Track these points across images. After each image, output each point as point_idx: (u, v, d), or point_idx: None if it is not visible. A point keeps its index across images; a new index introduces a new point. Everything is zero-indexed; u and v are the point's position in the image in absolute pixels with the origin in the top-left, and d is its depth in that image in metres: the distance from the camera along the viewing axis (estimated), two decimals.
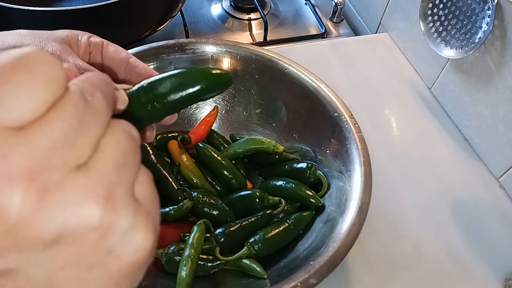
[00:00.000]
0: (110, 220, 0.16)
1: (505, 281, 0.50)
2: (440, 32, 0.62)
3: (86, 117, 0.16)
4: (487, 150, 0.61)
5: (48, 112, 0.15)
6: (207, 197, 0.48)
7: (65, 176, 0.15)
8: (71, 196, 0.15)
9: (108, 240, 0.16)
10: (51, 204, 0.14)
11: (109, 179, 0.16)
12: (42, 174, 0.14)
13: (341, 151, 0.49)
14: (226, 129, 0.60)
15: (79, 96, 0.16)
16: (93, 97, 0.17)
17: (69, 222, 0.15)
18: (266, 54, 0.56)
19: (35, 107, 0.15)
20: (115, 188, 0.16)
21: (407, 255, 0.51)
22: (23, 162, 0.14)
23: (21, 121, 0.14)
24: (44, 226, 0.14)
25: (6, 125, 0.14)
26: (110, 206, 0.15)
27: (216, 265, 0.44)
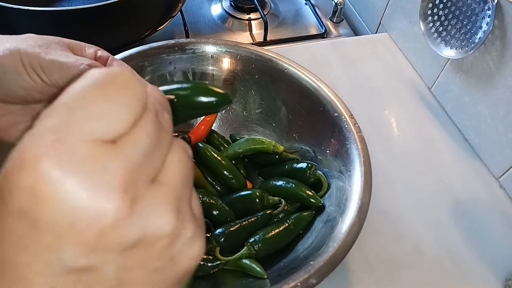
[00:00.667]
0: (179, 229, 0.18)
1: (505, 281, 0.50)
2: (440, 32, 0.62)
3: (160, 135, 0.18)
4: (487, 150, 0.61)
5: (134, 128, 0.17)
6: (207, 197, 0.48)
7: (146, 188, 0.17)
8: (151, 206, 0.17)
9: (174, 247, 0.18)
10: (137, 213, 0.16)
11: (177, 193, 0.18)
12: (133, 185, 0.16)
13: (341, 151, 0.49)
14: (226, 129, 0.60)
15: (155, 116, 0.18)
16: (163, 116, 0.19)
17: (148, 229, 0.17)
18: (266, 54, 0.56)
19: (126, 123, 0.16)
20: (182, 201, 0.18)
21: (407, 255, 0.51)
22: (120, 174, 0.16)
23: (115, 136, 0.16)
24: (129, 232, 0.16)
25: (104, 139, 0.16)
26: (180, 217, 0.18)
27: (216, 265, 0.44)
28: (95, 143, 0.15)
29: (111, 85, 0.17)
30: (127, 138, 0.16)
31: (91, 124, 0.16)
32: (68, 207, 0.15)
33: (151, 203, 0.17)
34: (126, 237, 0.16)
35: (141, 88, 0.17)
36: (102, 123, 0.16)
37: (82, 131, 0.15)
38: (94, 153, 0.15)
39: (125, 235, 0.16)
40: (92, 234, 0.15)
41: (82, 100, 0.16)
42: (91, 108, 0.16)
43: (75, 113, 0.16)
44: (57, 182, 0.15)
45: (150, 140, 0.17)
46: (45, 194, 0.15)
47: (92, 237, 0.16)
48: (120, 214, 0.16)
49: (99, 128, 0.16)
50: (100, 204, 0.15)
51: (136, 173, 0.16)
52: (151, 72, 0.54)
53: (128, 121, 0.16)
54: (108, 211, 0.15)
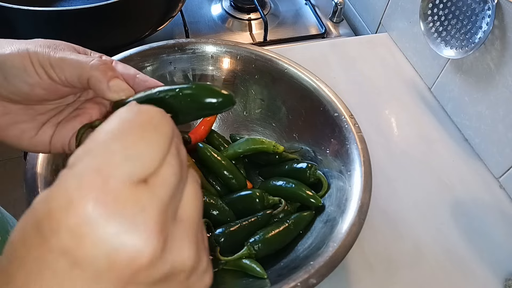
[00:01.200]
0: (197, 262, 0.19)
1: (505, 281, 0.50)
2: (440, 32, 0.62)
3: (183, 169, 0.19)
4: (487, 150, 0.61)
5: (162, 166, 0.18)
6: (207, 197, 0.48)
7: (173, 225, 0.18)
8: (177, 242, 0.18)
9: (190, 279, 0.19)
10: (168, 251, 0.17)
11: (196, 226, 0.19)
12: (166, 225, 0.17)
13: (341, 151, 0.49)
14: (226, 129, 0.60)
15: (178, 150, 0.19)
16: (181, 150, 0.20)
17: (175, 265, 0.18)
18: (266, 54, 0.56)
19: (158, 162, 0.17)
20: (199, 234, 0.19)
21: (407, 255, 0.51)
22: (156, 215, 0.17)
23: (147, 175, 0.17)
24: (160, 269, 0.17)
25: (138, 178, 0.17)
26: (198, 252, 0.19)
27: (216, 265, 0.44)
28: (133, 186, 0.16)
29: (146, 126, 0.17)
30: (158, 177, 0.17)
31: (130, 166, 0.16)
32: (110, 248, 0.16)
33: (176, 239, 0.18)
34: (157, 273, 0.17)
35: (170, 127, 0.18)
36: (139, 164, 0.17)
37: (122, 174, 0.16)
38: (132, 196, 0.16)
39: (157, 272, 0.17)
40: (128, 273, 0.16)
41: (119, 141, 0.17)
42: (128, 150, 0.17)
43: (114, 154, 0.17)
44: (101, 224, 0.16)
45: (176, 177, 0.18)
46: (89, 235, 0.16)
47: (128, 275, 0.16)
48: (156, 254, 0.16)
49: (137, 170, 0.17)
50: (139, 245, 0.16)
51: (167, 213, 0.17)
52: (151, 72, 0.54)
53: (159, 160, 0.17)
54: (146, 251, 0.16)
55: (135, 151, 0.17)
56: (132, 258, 0.16)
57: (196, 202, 0.19)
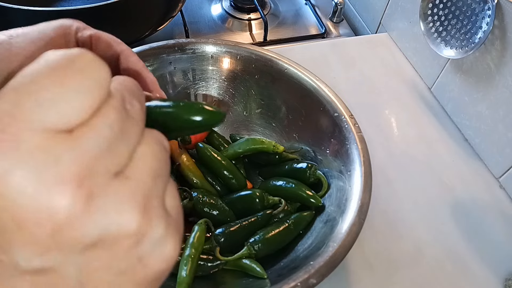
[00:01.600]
0: (146, 228, 0.16)
1: (505, 281, 0.50)
2: (440, 32, 0.62)
3: (126, 125, 0.16)
4: (487, 150, 0.61)
5: (94, 117, 0.15)
6: (207, 197, 0.48)
7: (107, 183, 0.15)
8: (113, 203, 0.15)
9: (141, 247, 0.16)
10: (95, 209, 0.15)
11: (146, 188, 0.16)
12: (89, 179, 0.15)
13: (341, 151, 0.49)
14: (226, 129, 0.60)
15: (121, 104, 0.16)
16: (131, 105, 0.17)
17: (110, 228, 0.15)
18: (266, 54, 0.56)
19: (84, 111, 0.15)
20: (151, 198, 0.16)
21: (407, 255, 0.51)
22: (74, 167, 0.14)
23: (70, 125, 0.15)
24: (86, 230, 0.15)
25: (57, 128, 0.14)
26: (147, 215, 0.16)
27: (216, 265, 0.44)
28: (45, 134, 0.14)
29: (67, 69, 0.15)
30: (85, 128, 0.15)
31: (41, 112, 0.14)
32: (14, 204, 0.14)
33: (113, 199, 0.15)
34: (84, 235, 0.15)
35: (103, 72, 0.16)
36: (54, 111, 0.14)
37: (30, 120, 0.14)
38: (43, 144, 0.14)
39: (83, 233, 0.15)
40: (43, 232, 0.14)
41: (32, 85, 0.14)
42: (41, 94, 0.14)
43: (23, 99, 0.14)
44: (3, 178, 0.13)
45: (112, 130, 0.15)
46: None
47: (44, 236, 0.14)
48: (74, 211, 0.14)
49: (50, 116, 0.14)
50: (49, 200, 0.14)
51: (94, 167, 0.15)
52: (151, 72, 0.54)
53: (85, 110, 0.15)
54: (60, 207, 0.14)
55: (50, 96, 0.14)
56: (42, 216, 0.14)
57: (151, 162, 0.17)
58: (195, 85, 0.58)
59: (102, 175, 0.15)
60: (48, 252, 0.15)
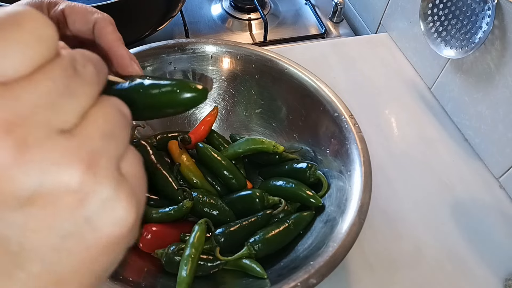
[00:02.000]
0: (90, 186, 0.15)
1: (505, 281, 0.50)
2: (440, 32, 0.62)
3: (74, 84, 0.15)
4: (487, 150, 0.61)
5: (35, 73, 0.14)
6: (207, 197, 0.48)
7: (47, 136, 0.14)
8: (51, 156, 0.14)
9: (86, 207, 0.15)
10: (29, 160, 0.14)
11: (93, 147, 0.15)
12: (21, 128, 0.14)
13: (341, 151, 0.49)
14: (226, 129, 0.60)
15: (69, 63, 0.16)
16: (84, 67, 0.16)
17: (46, 182, 0.14)
18: (266, 54, 0.56)
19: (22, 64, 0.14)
20: (98, 157, 0.15)
21: (407, 255, 0.51)
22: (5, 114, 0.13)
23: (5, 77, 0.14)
24: (19, 182, 0.14)
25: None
26: (91, 172, 0.15)
27: (216, 265, 0.44)
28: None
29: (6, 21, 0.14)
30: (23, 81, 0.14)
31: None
32: None
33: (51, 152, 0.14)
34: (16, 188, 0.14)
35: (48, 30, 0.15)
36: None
37: None
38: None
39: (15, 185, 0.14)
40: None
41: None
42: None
43: None
44: None
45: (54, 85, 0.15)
46: None
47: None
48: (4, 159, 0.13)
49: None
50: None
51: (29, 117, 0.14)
52: (151, 72, 0.54)
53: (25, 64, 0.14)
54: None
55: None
56: None
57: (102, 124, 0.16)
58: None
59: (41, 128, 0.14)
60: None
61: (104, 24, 0.29)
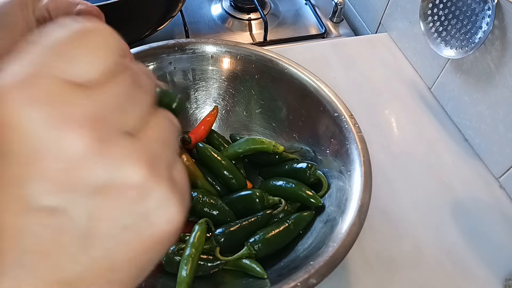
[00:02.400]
0: (151, 184, 0.17)
1: (505, 281, 0.50)
2: (440, 32, 0.62)
3: (138, 93, 0.17)
4: (487, 150, 0.61)
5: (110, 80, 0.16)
6: (207, 197, 0.48)
7: (120, 135, 0.16)
8: (123, 153, 0.16)
9: (145, 203, 0.17)
10: (106, 154, 0.16)
11: (154, 151, 0.17)
12: (102, 126, 0.16)
13: (341, 151, 0.49)
14: (226, 129, 0.60)
15: (136, 74, 0.18)
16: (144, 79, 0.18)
17: (116, 175, 0.16)
18: (266, 54, 0.56)
19: (100, 70, 0.16)
20: (159, 160, 0.17)
21: (407, 255, 0.51)
22: (88, 111, 0.15)
23: (85, 80, 0.16)
24: (96, 172, 0.16)
25: (75, 81, 0.15)
26: (152, 173, 0.17)
27: (216, 265, 0.44)
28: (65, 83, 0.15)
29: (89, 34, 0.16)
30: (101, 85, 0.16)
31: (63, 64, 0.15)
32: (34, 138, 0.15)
33: (122, 150, 0.16)
34: (93, 177, 0.16)
35: (119, 43, 0.17)
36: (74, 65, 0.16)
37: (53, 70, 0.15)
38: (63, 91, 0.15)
39: (92, 174, 0.16)
40: (57, 168, 0.15)
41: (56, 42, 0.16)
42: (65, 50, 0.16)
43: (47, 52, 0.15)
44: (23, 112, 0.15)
45: (125, 92, 0.17)
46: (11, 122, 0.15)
47: (58, 172, 0.15)
48: (87, 150, 0.15)
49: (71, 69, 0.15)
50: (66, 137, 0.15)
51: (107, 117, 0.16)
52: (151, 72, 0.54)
53: (101, 69, 0.16)
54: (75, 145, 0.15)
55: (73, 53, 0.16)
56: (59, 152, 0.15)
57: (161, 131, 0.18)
58: (195, 85, 0.58)
59: (115, 127, 0.16)
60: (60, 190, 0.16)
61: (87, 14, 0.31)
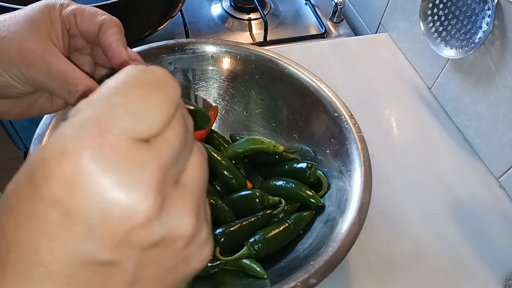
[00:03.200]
0: (197, 231, 0.18)
1: (505, 281, 0.50)
2: (440, 32, 0.62)
3: (186, 138, 0.18)
4: (487, 150, 0.61)
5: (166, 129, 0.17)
6: (207, 197, 0.48)
7: (172, 190, 0.17)
8: (176, 207, 0.17)
9: (188, 248, 0.18)
10: (165, 213, 0.16)
11: (198, 195, 0.18)
12: (165, 187, 0.16)
13: (341, 151, 0.49)
14: (226, 129, 0.60)
15: (183, 117, 0.18)
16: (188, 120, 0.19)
17: (172, 230, 0.17)
18: (266, 54, 0.56)
19: (162, 123, 0.17)
20: (201, 203, 0.19)
21: (407, 255, 0.51)
22: (155, 174, 0.16)
23: (150, 135, 0.16)
24: (156, 231, 0.16)
25: (140, 137, 0.16)
26: (198, 220, 0.18)
27: (216, 265, 0.44)
28: (133, 142, 0.16)
29: (152, 84, 0.17)
30: (161, 138, 0.17)
31: (131, 121, 0.16)
32: (104, 202, 0.15)
33: (176, 204, 0.17)
34: (152, 235, 0.16)
35: (177, 89, 0.18)
36: (141, 121, 0.16)
37: (123, 128, 0.16)
38: (132, 151, 0.16)
39: (152, 233, 0.16)
40: (122, 230, 0.16)
41: (123, 96, 0.16)
42: (132, 105, 0.16)
43: (116, 108, 0.16)
44: (96, 176, 0.15)
45: (179, 142, 0.17)
46: (83, 186, 0.15)
47: (121, 233, 0.16)
48: (152, 213, 0.16)
49: (138, 126, 0.16)
50: (134, 202, 0.15)
51: (168, 175, 0.17)
52: None
53: (164, 122, 0.17)
54: (142, 209, 0.16)
55: (138, 107, 0.16)
56: (126, 216, 0.15)
57: (200, 172, 0.19)
58: (195, 85, 0.58)
59: (171, 183, 0.17)
60: (119, 248, 0.16)
61: (109, 25, 0.31)
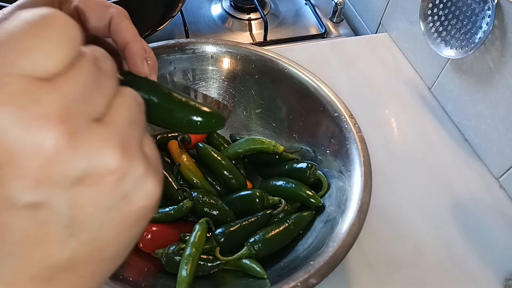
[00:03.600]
0: (126, 166, 0.18)
1: (505, 281, 0.50)
2: (440, 32, 0.62)
3: (100, 79, 0.18)
4: (487, 150, 0.61)
5: (69, 69, 0.16)
6: (207, 197, 0.48)
7: (88, 125, 0.16)
8: (94, 142, 0.17)
9: (124, 185, 0.18)
10: (79, 146, 0.16)
11: (123, 132, 0.18)
12: (71, 118, 0.16)
13: (341, 151, 0.49)
14: (226, 129, 0.60)
15: (94, 59, 0.18)
16: (104, 63, 0.18)
17: (93, 164, 0.17)
18: (266, 54, 0.56)
19: (59, 61, 0.16)
20: (129, 141, 0.18)
21: (407, 255, 0.51)
22: (55, 106, 0.15)
23: (47, 74, 0.16)
24: (72, 164, 0.16)
25: (36, 75, 0.15)
26: (126, 155, 0.17)
27: (216, 265, 0.44)
28: (26, 79, 0.15)
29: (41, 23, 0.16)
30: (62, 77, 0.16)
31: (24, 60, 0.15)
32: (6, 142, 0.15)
33: (94, 139, 0.17)
34: (70, 170, 0.16)
35: (74, 29, 0.17)
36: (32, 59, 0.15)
37: (10, 66, 0.15)
38: (25, 87, 0.15)
39: (69, 167, 0.16)
40: (34, 166, 0.15)
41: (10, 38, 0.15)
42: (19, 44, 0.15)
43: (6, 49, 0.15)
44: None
45: (88, 79, 0.17)
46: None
47: (35, 170, 0.15)
48: (60, 145, 0.15)
49: (29, 64, 0.15)
50: (36, 134, 0.15)
51: (73, 109, 0.16)
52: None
53: (61, 60, 0.16)
54: (47, 141, 0.15)
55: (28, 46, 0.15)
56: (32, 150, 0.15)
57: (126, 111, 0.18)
58: (195, 85, 0.58)
59: (82, 118, 0.16)
60: (39, 186, 0.16)
61: (120, 19, 0.30)
